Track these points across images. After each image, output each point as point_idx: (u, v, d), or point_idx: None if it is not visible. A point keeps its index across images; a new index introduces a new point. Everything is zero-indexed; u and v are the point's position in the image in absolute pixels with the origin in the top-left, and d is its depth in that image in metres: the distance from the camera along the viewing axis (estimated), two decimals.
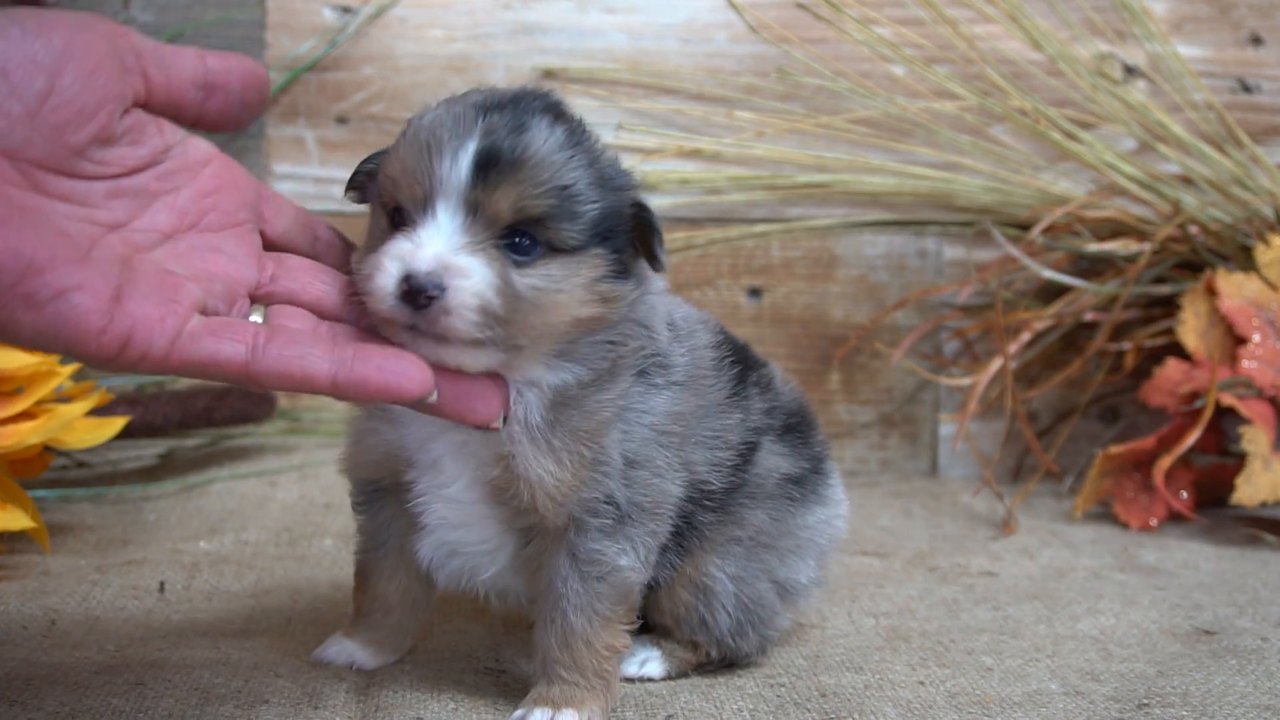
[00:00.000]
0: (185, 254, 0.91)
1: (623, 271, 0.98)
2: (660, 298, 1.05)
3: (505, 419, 0.96)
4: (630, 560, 1.02)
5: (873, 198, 1.94)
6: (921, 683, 1.13)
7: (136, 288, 0.84)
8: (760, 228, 1.93)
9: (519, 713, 1.02)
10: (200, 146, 0.95)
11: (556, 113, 0.98)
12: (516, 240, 0.93)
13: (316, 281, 0.97)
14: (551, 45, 1.92)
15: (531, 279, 0.93)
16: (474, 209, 0.92)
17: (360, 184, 1.03)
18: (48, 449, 1.41)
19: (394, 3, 1.90)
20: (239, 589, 1.34)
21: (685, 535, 1.09)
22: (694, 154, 1.91)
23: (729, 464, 1.09)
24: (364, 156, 1.03)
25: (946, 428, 1.97)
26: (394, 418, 1.03)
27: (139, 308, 0.83)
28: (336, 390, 0.88)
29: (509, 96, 0.98)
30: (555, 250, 0.94)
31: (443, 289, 0.90)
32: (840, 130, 1.91)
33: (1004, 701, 1.09)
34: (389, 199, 0.97)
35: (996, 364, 1.81)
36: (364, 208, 1.02)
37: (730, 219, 1.92)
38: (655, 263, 0.99)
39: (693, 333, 1.10)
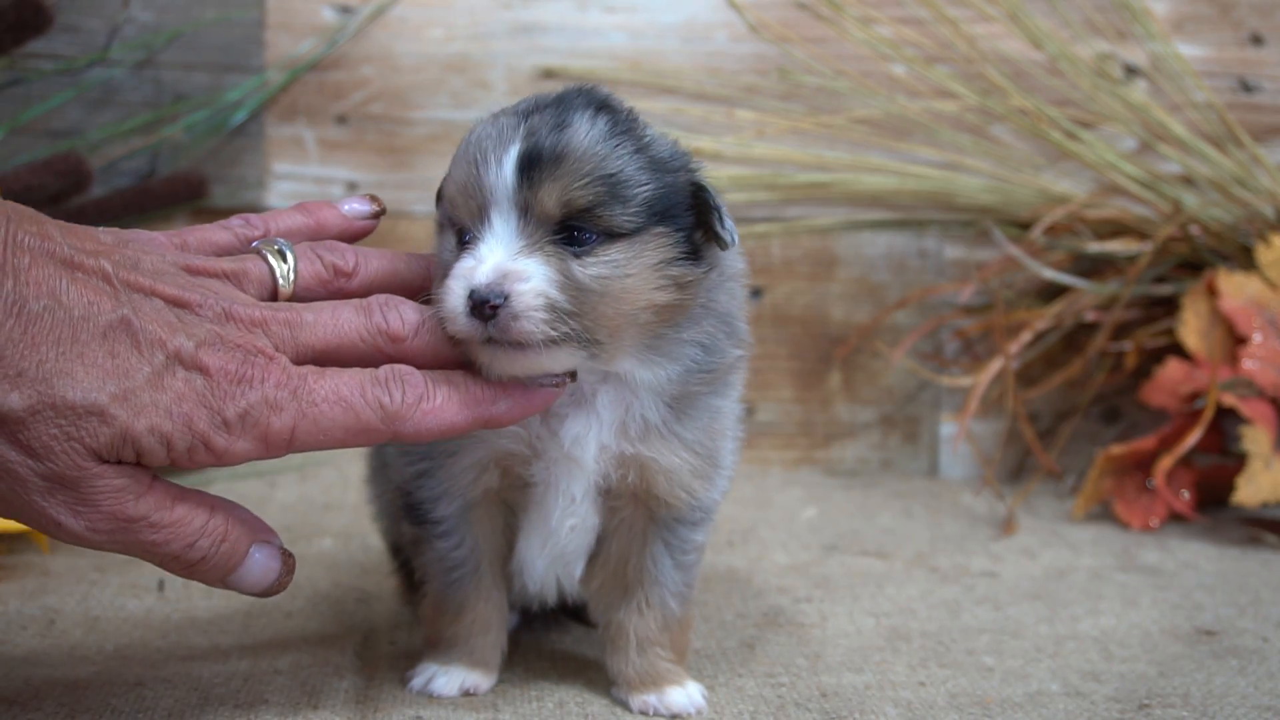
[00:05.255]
0: None
1: (693, 254, 0.98)
2: (740, 284, 1.05)
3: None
4: (705, 540, 1.08)
5: (873, 197, 1.94)
6: (922, 683, 1.13)
7: None
8: (760, 228, 1.93)
9: (623, 696, 1.07)
10: None
11: (601, 105, 0.98)
12: (573, 233, 0.94)
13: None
14: (551, 45, 1.92)
15: (595, 268, 0.94)
16: (525, 211, 0.94)
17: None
18: None
19: (394, 3, 1.89)
20: None
21: None
22: (694, 154, 1.91)
23: None
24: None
25: (947, 428, 1.97)
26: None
27: None
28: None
29: (553, 97, 0.98)
30: (614, 236, 0.94)
31: (505, 296, 0.91)
32: (840, 130, 1.91)
33: (1005, 702, 1.08)
34: (454, 219, 0.98)
35: (997, 364, 1.81)
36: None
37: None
38: (719, 240, 0.98)
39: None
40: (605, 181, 0.94)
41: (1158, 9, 1.94)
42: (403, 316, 0.96)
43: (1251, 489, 1.65)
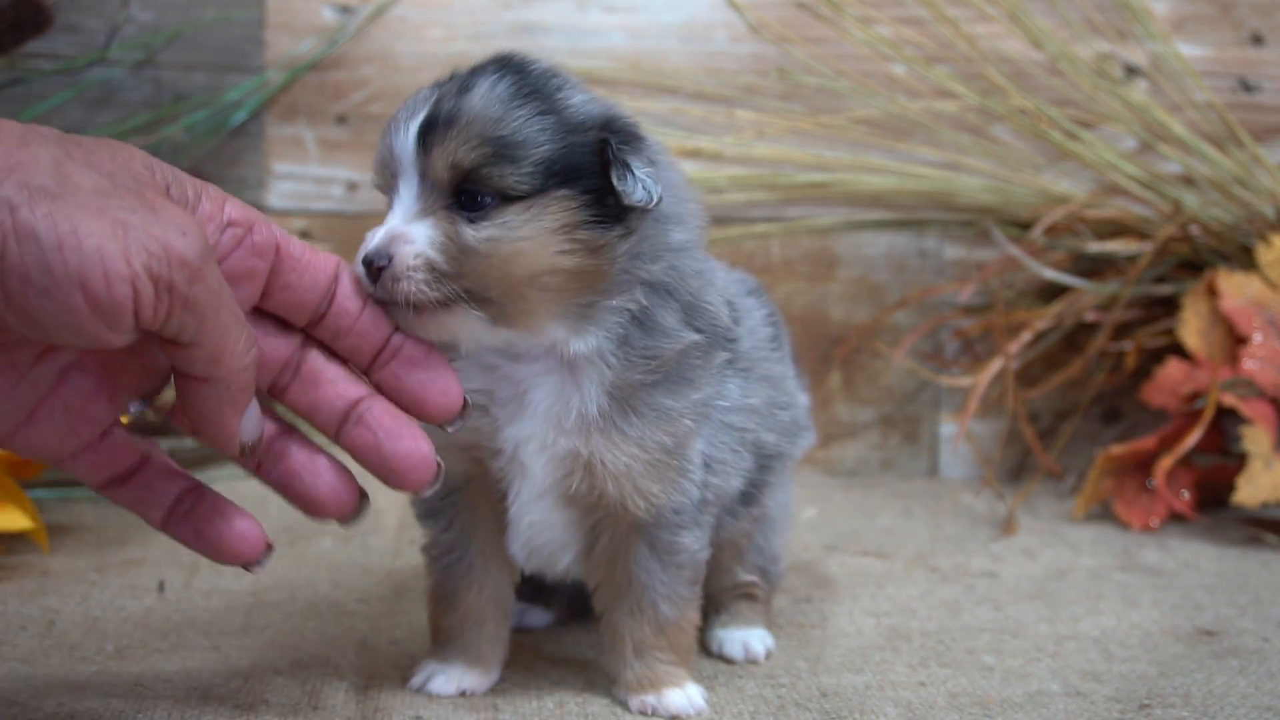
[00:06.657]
0: None
1: (610, 217, 0.95)
2: (690, 258, 1.01)
3: (464, 412, 0.94)
4: (701, 544, 1.06)
5: (873, 197, 1.94)
6: (922, 683, 1.13)
7: None
8: (760, 228, 1.93)
9: (623, 697, 1.06)
10: None
11: (513, 69, 0.97)
12: (469, 197, 0.94)
13: None
14: (551, 45, 1.92)
15: (486, 230, 0.93)
16: (424, 176, 0.95)
17: None
18: None
19: (394, 2, 1.89)
20: (238, 588, 1.34)
21: (753, 492, 1.13)
22: (694, 154, 1.91)
23: (790, 424, 1.15)
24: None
25: (947, 428, 1.97)
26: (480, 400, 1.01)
27: None
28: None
29: (473, 65, 0.98)
30: (511, 199, 0.93)
31: (389, 258, 0.92)
32: (840, 130, 1.91)
33: (1005, 702, 1.08)
34: (379, 188, 1.00)
35: (997, 364, 1.81)
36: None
37: (730, 219, 1.92)
38: (620, 194, 0.94)
39: (748, 311, 1.11)
40: (493, 142, 0.93)
41: (1158, 9, 1.94)
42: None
43: (1252, 489, 1.65)
